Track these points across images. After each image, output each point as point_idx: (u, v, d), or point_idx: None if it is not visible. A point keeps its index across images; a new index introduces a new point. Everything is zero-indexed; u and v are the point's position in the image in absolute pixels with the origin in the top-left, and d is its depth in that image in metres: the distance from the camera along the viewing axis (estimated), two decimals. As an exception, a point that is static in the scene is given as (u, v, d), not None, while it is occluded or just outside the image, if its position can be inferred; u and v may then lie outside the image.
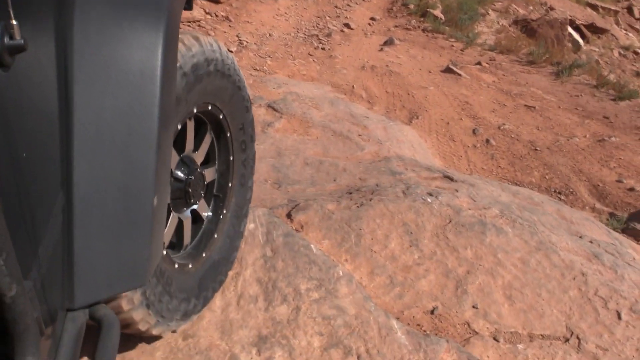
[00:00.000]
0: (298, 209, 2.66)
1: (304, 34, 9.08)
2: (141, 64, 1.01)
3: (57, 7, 0.92)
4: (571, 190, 4.48)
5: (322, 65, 7.15)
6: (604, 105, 6.50)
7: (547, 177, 4.67)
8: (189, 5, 1.38)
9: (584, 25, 16.71)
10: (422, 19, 11.46)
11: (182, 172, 1.51)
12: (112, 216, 1.00)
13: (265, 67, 6.51)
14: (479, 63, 8.03)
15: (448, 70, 7.33)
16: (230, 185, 1.83)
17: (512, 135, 5.37)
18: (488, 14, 13.74)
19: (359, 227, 2.52)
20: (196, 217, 1.69)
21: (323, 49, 8.11)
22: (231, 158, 1.81)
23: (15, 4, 0.71)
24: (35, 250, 0.83)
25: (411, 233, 2.50)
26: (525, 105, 6.26)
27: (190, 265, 1.56)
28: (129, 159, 1.00)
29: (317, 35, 9.05)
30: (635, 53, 17.79)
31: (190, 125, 1.52)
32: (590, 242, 2.77)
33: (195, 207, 1.62)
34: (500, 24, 13.14)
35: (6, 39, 0.70)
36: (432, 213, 2.63)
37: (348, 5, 12.30)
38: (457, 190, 2.98)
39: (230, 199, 1.85)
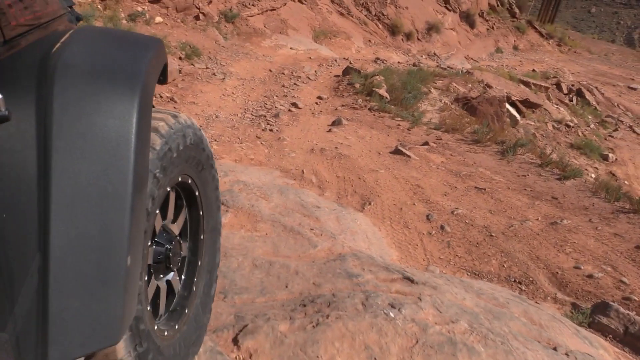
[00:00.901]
0: (246, 333, 2.33)
1: (252, 115, 8.98)
2: (116, 132, 1.08)
3: (38, 82, 1.03)
4: (531, 279, 4.34)
5: (271, 148, 6.98)
6: (550, 185, 6.57)
7: (505, 265, 4.53)
8: (164, 79, 1.44)
9: (519, 101, 17.57)
10: (368, 98, 11.67)
11: (163, 239, 1.59)
12: (86, 276, 1.04)
13: (211, 152, 6.26)
14: (426, 143, 8.09)
15: (397, 151, 7.31)
16: (199, 263, 1.90)
17: (466, 221, 5.26)
18: (430, 92, 14.22)
19: (316, 354, 2.21)
20: (169, 289, 1.72)
21: (271, 130, 7.98)
22: (201, 237, 1.90)
23: (1, 81, 0.78)
24: (11, 308, 0.88)
25: (375, 359, 2.21)
26: (476, 187, 6.24)
27: (166, 335, 1.60)
28: (103, 221, 1.05)
29: (265, 116, 8.96)
30: (567, 126, 18.78)
31: (172, 196, 1.60)
32: (567, 354, 2.55)
33: (170, 276, 1.68)
34: (443, 101, 13.59)
35: None
36: (396, 332, 2.36)
37: (295, 84, 12.43)
38: (420, 299, 2.73)
39: (200, 277, 1.92)
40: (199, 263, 1.91)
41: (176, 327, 1.68)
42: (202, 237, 1.91)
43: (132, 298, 1.16)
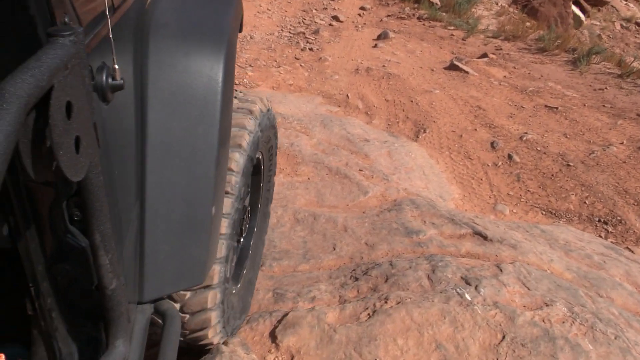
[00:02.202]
0: (286, 326, 1.88)
1: (289, 33, 8.23)
2: (204, 91, 1.15)
3: (135, 41, 1.08)
4: (618, 218, 3.70)
5: (311, 70, 6.32)
6: (634, 99, 5.69)
7: (587, 201, 3.89)
8: (240, 29, 1.50)
9: (586, 0, 15.87)
10: (416, 5, 10.59)
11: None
12: (176, 223, 1.13)
13: (245, 80, 5.68)
14: (485, 55, 7.20)
15: (452, 66, 6.50)
16: (255, 229, 2.06)
17: (538, 148, 4.57)
18: (485, -7, 12.87)
19: (375, 355, 1.74)
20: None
21: (311, 49, 7.26)
22: (259, 205, 2.08)
23: (107, 45, 0.84)
24: (121, 251, 0.95)
25: (450, 363, 1.72)
26: (546, 106, 5.45)
27: (236, 288, 1.76)
28: (192, 174, 1.13)
29: (304, 33, 8.20)
30: (638, 24, 17.02)
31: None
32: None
33: (241, 242, 1.86)
34: (500, 4, 12.29)
35: (110, 80, 0.84)
36: (475, 323, 1.85)
37: (335, -6, 11.42)
38: (500, 270, 2.19)
39: (255, 242, 2.07)
40: (255, 229, 2.06)
41: (238, 285, 1.80)
42: (259, 205, 2.09)
43: (214, 244, 1.27)
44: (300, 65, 6.46)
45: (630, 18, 16.64)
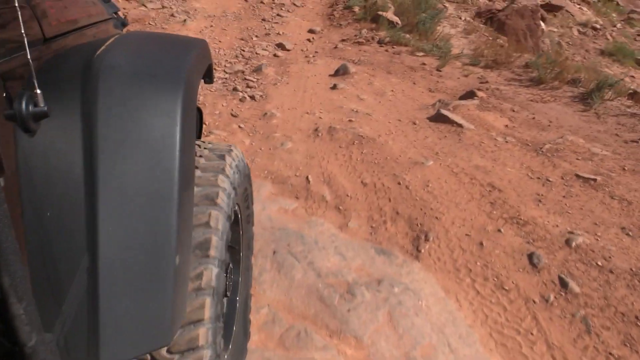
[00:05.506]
0: None
1: (225, 72, 6.54)
2: (161, 131, 1.05)
3: (82, 83, 1.05)
4: None
5: (254, 135, 4.65)
6: (684, 155, 4.31)
7: None
8: (209, 79, 1.49)
9: (541, 5, 14.90)
10: (374, 26, 9.11)
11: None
12: (135, 277, 1.01)
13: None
14: (472, 93, 5.73)
15: (440, 117, 4.98)
16: (239, 280, 1.95)
17: (598, 261, 3.08)
18: (445, 6, 11.56)
19: None
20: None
21: (252, 97, 5.59)
22: (240, 254, 2.00)
23: (43, 79, 0.84)
24: (58, 307, 0.89)
25: None
26: (578, 176, 3.99)
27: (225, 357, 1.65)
28: (151, 220, 1.02)
29: (243, 72, 6.53)
30: (594, 29, 16.38)
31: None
32: None
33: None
34: (463, 18, 11.00)
35: (30, 107, 0.81)
36: None
37: (278, 15, 9.81)
38: None
39: (240, 294, 1.93)
40: (239, 279, 1.94)
41: (229, 345, 1.70)
42: (241, 254, 1.99)
43: (182, 298, 1.13)
44: (239, 127, 4.78)
45: (587, 22, 15.93)
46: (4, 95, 0.82)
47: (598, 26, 16.18)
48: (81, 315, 0.96)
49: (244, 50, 7.57)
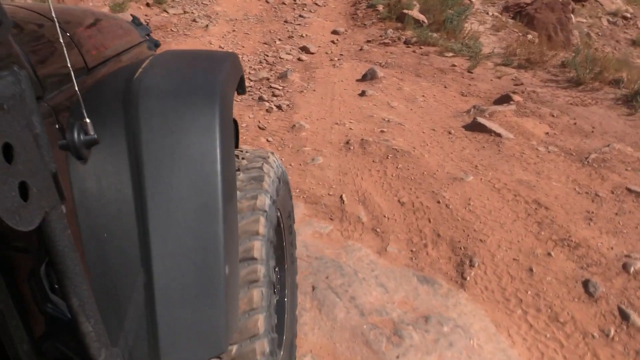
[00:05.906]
0: None
1: (249, 80, 6.39)
2: (201, 145, 1.08)
3: (124, 107, 1.09)
4: None
5: (283, 149, 4.49)
6: None
7: None
8: (242, 90, 1.50)
9: (569, -5, 14.40)
10: (399, 24, 8.87)
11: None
12: (189, 289, 1.04)
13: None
14: (507, 97, 5.48)
15: (476, 126, 4.76)
16: (285, 264, 2.05)
17: (661, 289, 2.85)
18: (471, 1, 11.25)
19: None
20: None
21: (279, 107, 5.44)
22: (285, 265, 2.06)
23: (88, 107, 0.88)
24: (121, 323, 0.94)
25: None
26: (629, 190, 3.75)
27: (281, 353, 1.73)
28: (199, 233, 1.05)
29: (268, 79, 6.37)
30: (624, 18, 15.85)
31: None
32: None
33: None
34: (491, 14, 10.67)
35: (82, 136, 0.87)
36: None
37: (301, 16, 9.63)
38: None
39: (286, 277, 2.04)
40: (287, 282, 2.01)
41: (281, 352, 1.74)
42: (285, 265, 2.05)
43: (234, 307, 1.17)
44: (267, 141, 4.63)
45: (616, 12, 15.39)
46: (57, 127, 0.88)
47: (629, 15, 15.64)
48: (141, 329, 1.00)
49: (267, 55, 7.42)
